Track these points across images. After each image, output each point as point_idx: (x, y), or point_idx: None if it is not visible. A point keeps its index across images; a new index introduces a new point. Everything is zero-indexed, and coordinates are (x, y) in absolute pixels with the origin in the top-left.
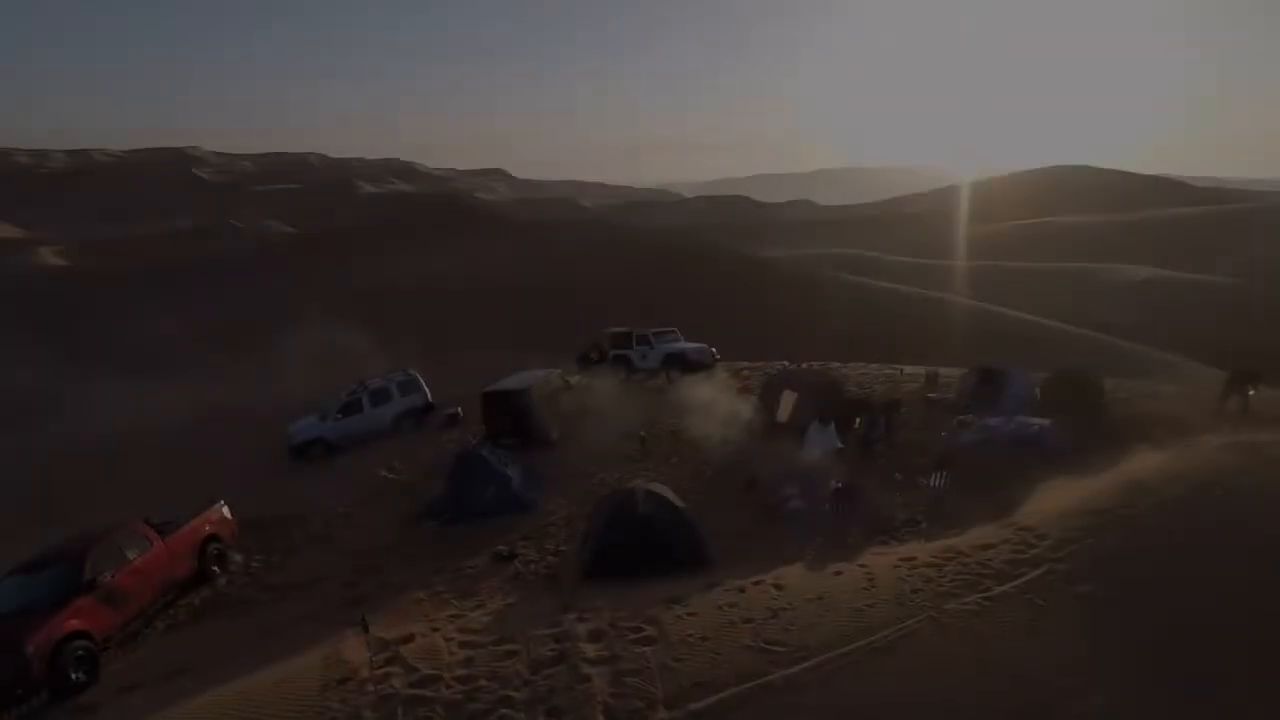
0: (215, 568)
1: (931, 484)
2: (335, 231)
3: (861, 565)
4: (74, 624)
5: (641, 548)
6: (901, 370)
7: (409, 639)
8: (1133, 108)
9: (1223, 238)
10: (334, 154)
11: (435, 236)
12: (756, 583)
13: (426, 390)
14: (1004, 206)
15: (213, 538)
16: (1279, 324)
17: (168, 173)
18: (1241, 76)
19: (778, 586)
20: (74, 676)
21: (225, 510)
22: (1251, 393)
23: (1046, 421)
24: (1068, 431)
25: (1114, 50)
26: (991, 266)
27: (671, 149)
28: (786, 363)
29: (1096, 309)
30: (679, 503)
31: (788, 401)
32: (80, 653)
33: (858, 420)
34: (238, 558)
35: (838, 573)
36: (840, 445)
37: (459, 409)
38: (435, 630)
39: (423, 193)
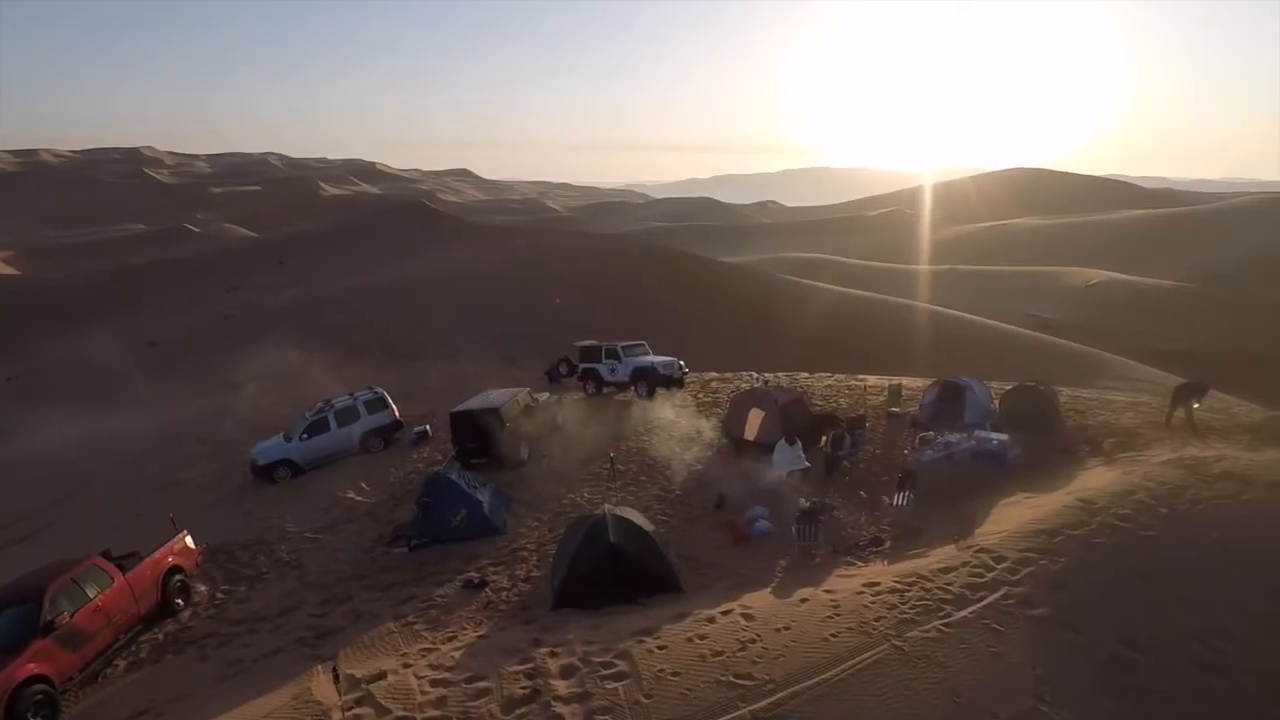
0: (179, 600)
1: (895, 503)
2: (298, 237)
3: (827, 591)
4: (32, 668)
5: (611, 576)
6: (865, 383)
7: (380, 676)
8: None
9: (1171, 241)
10: (294, 154)
11: (400, 242)
12: (725, 612)
13: (394, 407)
14: (966, 208)
15: (176, 569)
16: (1218, 326)
17: (121, 174)
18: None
19: (746, 616)
20: None
21: (188, 540)
22: (1196, 405)
23: (1005, 436)
24: (1025, 446)
25: (1069, 55)
26: (954, 271)
27: (639, 149)
28: (754, 374)
29: (1054, 311)
30: (647, 526)
31: (755, 419)
32: (39, 697)
33: (823, 438)
34: (202, 588)
35: (804, 600)
36: (807, 464)
37: (428, 426)
38: (407, 667)
39: (387, 194)
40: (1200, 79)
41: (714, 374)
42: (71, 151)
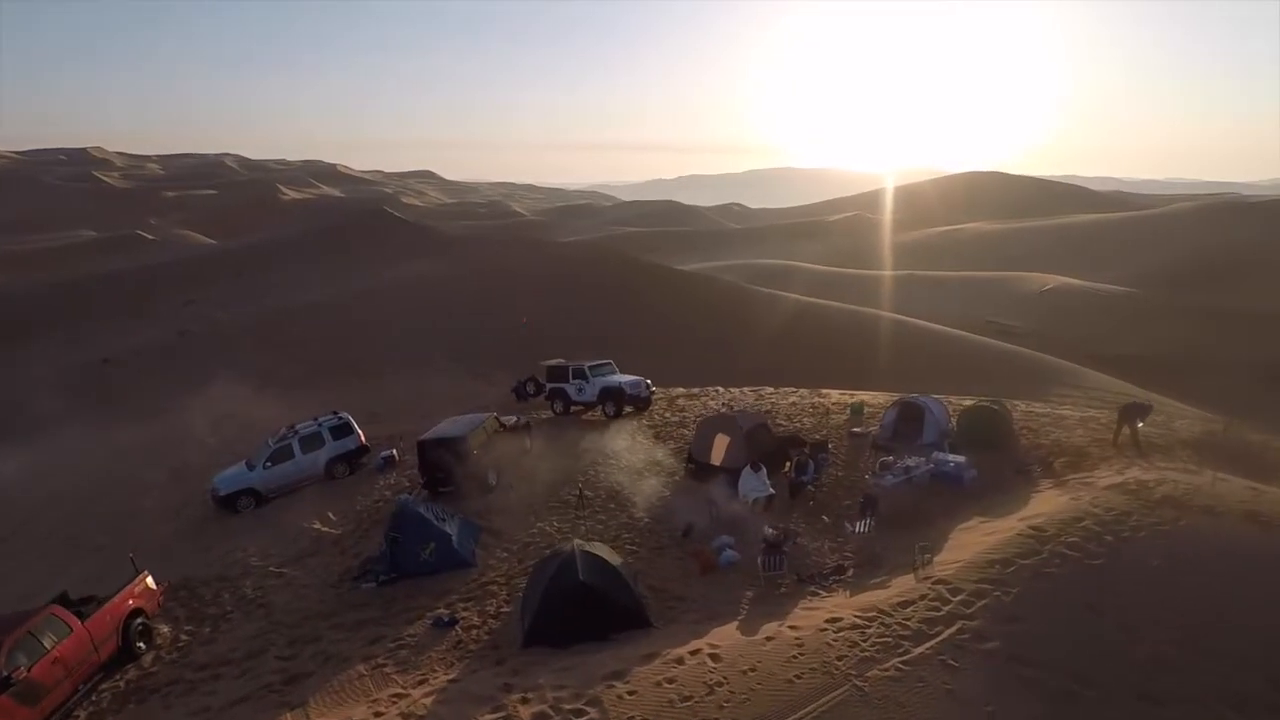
0: (141, 644)
1: (857, 529)
2: (256, 247)
3: (792, 627)
4: None
5: (581, 613)
6: (829, 400)
7: None
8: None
9: (1120, 245)
10: (252, 155)
11: (362, 252)
12: (694, 652)
13: (360, 432)
14: (925, 212)
15: (137, 611)
16: (1163, 331)
17: (68, 176)
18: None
19: (714, 657)
20: None
21: (149, 580)
22: (1141, 425)
23: (962, 458)
24: (981, 465)
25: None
26: (914, 277)
27: (605, 149)
28: (721, 389)
29: (1010, 317)
30: (616, 560)
31: (721, 444)
32: None
33: (788, 464)
34: (165, 630)
35: (769, 638)
36: (771, 491)
37: (394, 451)
38: (378, 716)
39: (349, 197)
40: (1146, 83)
41: (681, 390)
42: (13, 152)
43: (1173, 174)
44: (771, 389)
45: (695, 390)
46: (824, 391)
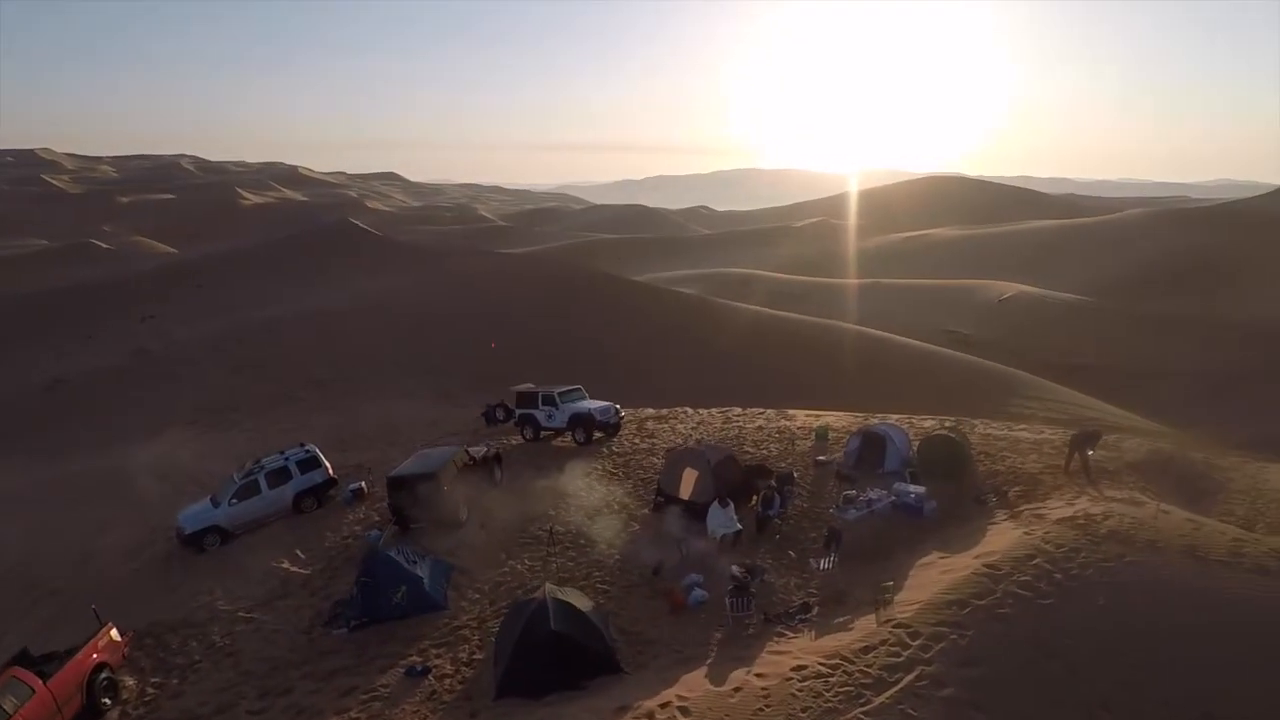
0: (106, 700)
1: (822, 566)
2: (216, 258)
3: (759, 675)
4: None
5: (553, 663)
6: (794, 423)
7: None
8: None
9: (1075, 252)
10: (210, 156)
11: (326, 264)
12: (664, 705)
13: (327, 465)
14: (887, 218)
15: (101, 666)
16: (1115, 340)
17: (16, 180)
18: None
19: (683, 710)
20: None
21: (114, 633)
22: (1091, 453)
23: (922, 489)
24: (940, 494)
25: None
26: (878, 285)
27: (573, 150)
28: (690, 409)
29: (970, 326)
30: (587, 605)
31: (689, 478)
32: None
33: (754, 498)
34: (130, 682)
35: (736, 689)
36: (739, 526)
37: (363, 483)
38: None
39: (311, 201)
40: (1098, 85)
41: (650, 411)
42: None
43: (1124, 175)
44: (740, 410)
45: (664, 411)
46: (790, 413)
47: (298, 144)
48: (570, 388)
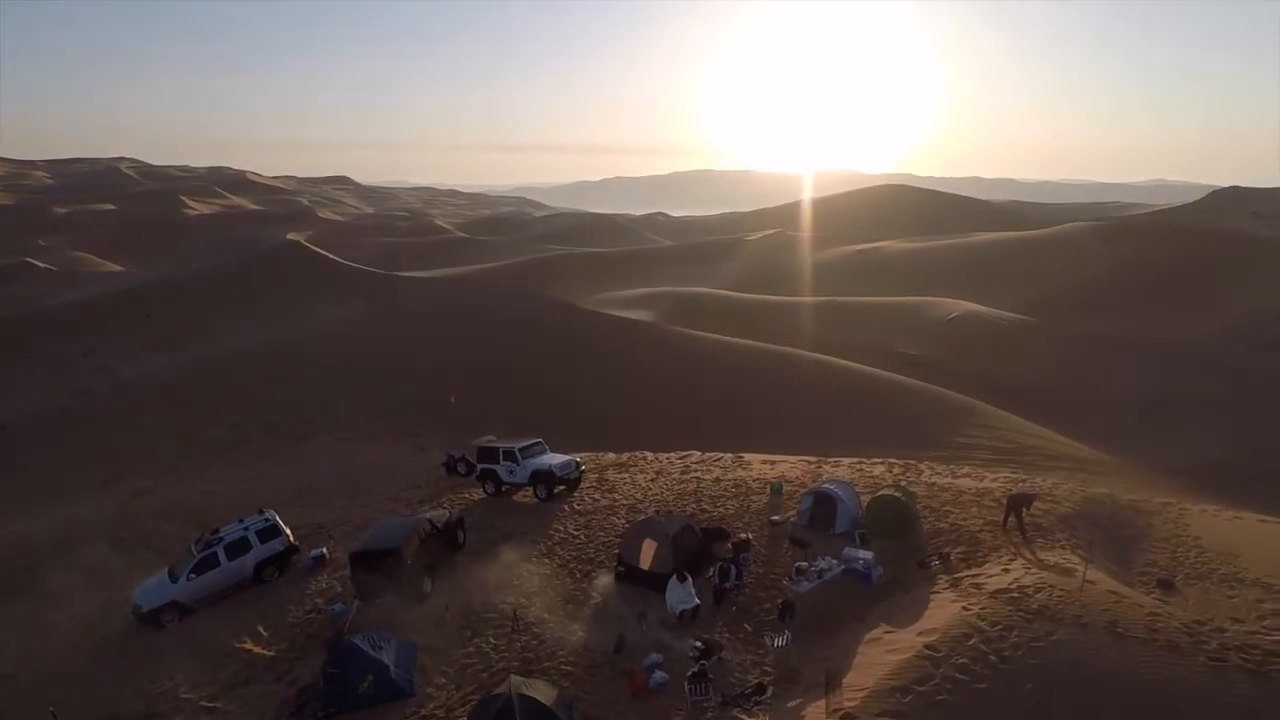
0: None
1: (776, 645)
2: (164, 286)
3: None
4: None
5: None
6: (750, 474)
7: None
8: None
9: (1019, 268)
10: (152, 160)
11: (277, 292)
12: None
13: (288, 531)
14: (840, 228)
15: None
16: (1055, 361)
17: None
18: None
19: None
20: None
21: None
22: (1027, 513)
23: (869, 555)
24: (887, 555)
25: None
26: (832, 304)
27: (529, 151)
28: (650, 454)
29: (919, 347)
30: (551, 696)
31: (648, 549)
32: None
33: (711, 570)
34: None
35: None
36: (697, 602)
37: (325, 549)
38: None
39: (262, 213)
40: (1041, 85)
41: (611, 457)
42: None
43: (1066, 175)
44: (699, 455)
45: (625, 458)
46: (746, 459)
47: (248, 144)
48: (531, 442)
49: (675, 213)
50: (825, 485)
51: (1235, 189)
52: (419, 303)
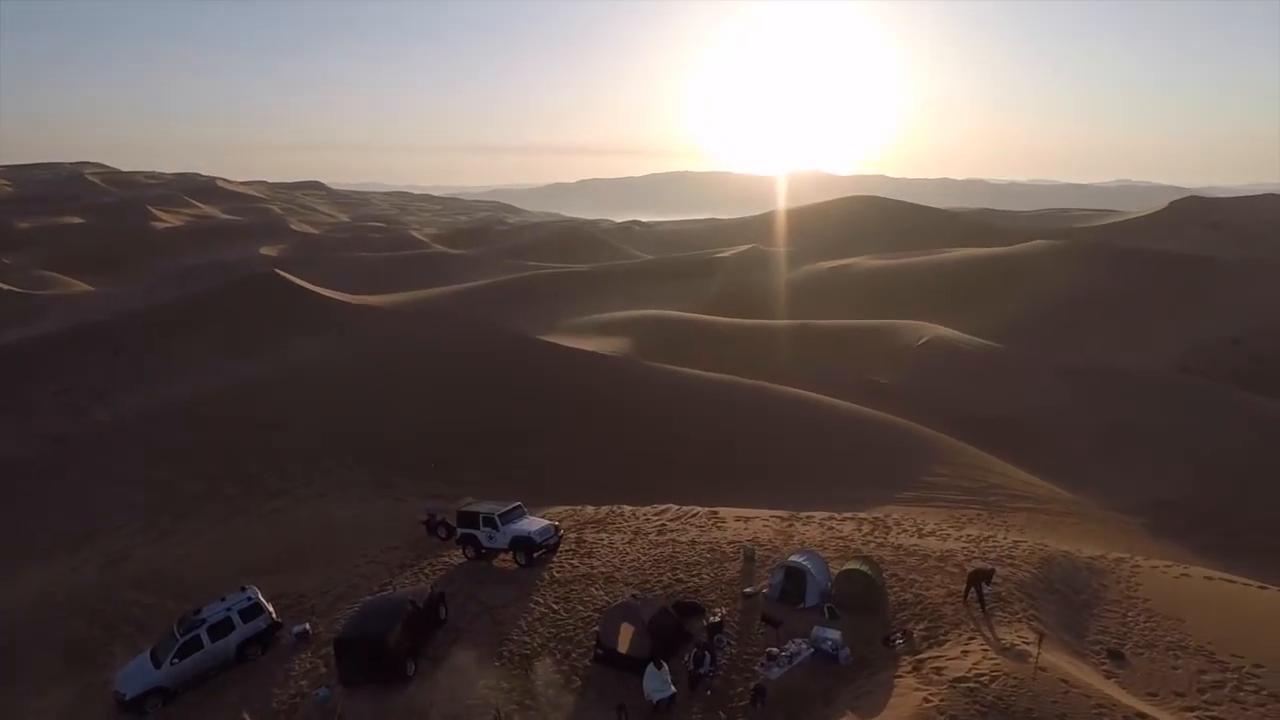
0: None
1: None
2: (134, 320)
3: None
4: None
5: None
6: (724, 535)
7: None
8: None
9: (990, 289)
10: (118, 165)
11: (252, 326)
12: None
13: (270, 609)
14: (813, 243)
15: None
16: (1018, 392)
17: None
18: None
19: None
20: None
21: None
22: (986, 588)
23: (837, 635)
24: (854, 631)
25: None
26: (806, 328)
27: (504, 152)
28: (630, 508)
29: (889, 374)
30: None
31: (625, 633)
32: None
33: (686, 657)
34: None
35: None
36: (673, 690)
37: (308, 625)
38: None
39: (233, 225)
40: (1011, 87)
41: (590, 511)
42: None
43: (1034, 175)
44: (675, 509)
45: (603, 514)
46: (720, 516)
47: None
48: (510, 507)
49: (651, 217)
50: (795, 558)
51: (1194, 199)
52: (394, 339)
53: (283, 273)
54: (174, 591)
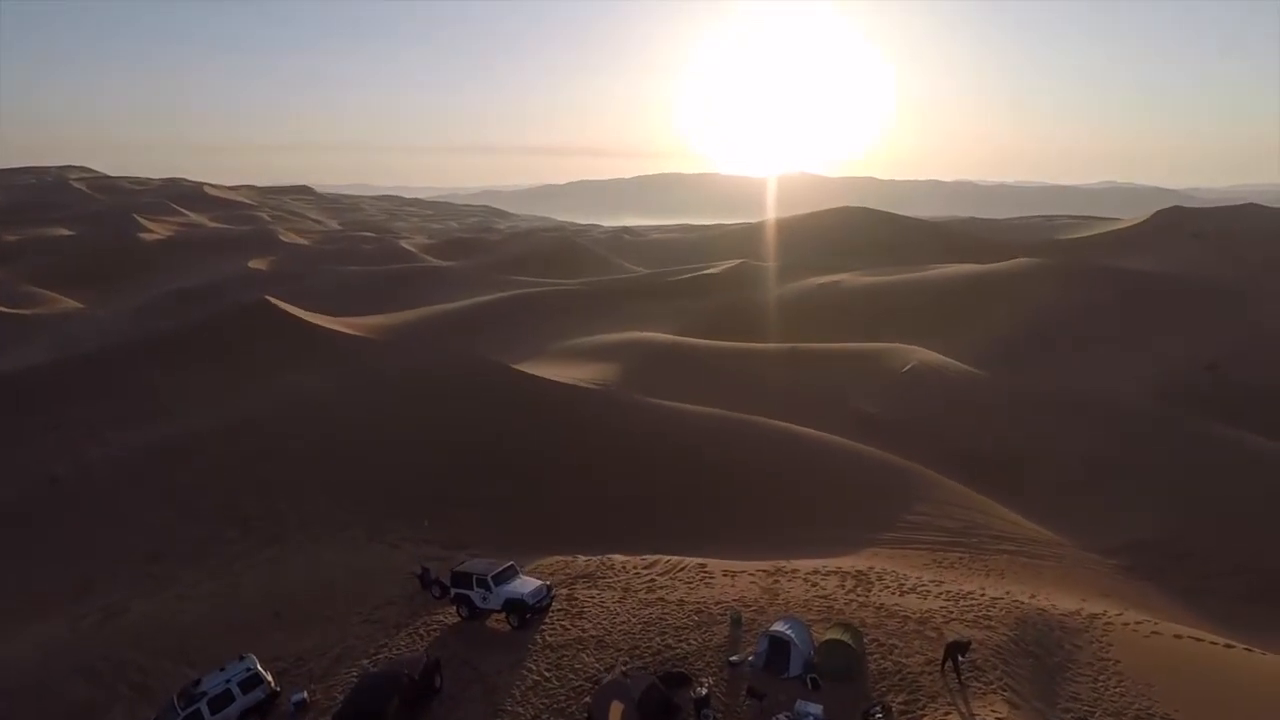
0: None
1: None
2: (126, 350)
3: None
4: None
5: None
6: (711, 593)
7: None
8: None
9: (975, 310)
10: (104, 168)
11: (246, 357)
12: None
13: (269, 679)
14: (801, 255)
15: None
16: (1002, 423)
17: None
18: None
19: None
20: None
21: None
22: (962, 660)
23: (819, 709)
24: (835, 703)
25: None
26: (795, 352)
27: (495, 152)
28: (623, 557)
29: (875, 402)
30: None
31: (616, 711)
32: None
33: None
34: None
35: None
36: None
37: (306, 694)
38: None
39: (222, 235)
40: (998, 88)
41: (582, 563)
42: None
43: (1022, 176)
44: (665, 561)
45: (594, 566)
46: (708, 570)
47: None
48: (503, 568)
49: (641, 221)
50: (778, 627)
51: (1177, 209)
52: (388, 373)
53: (275, 301)
54: (173, 653)
